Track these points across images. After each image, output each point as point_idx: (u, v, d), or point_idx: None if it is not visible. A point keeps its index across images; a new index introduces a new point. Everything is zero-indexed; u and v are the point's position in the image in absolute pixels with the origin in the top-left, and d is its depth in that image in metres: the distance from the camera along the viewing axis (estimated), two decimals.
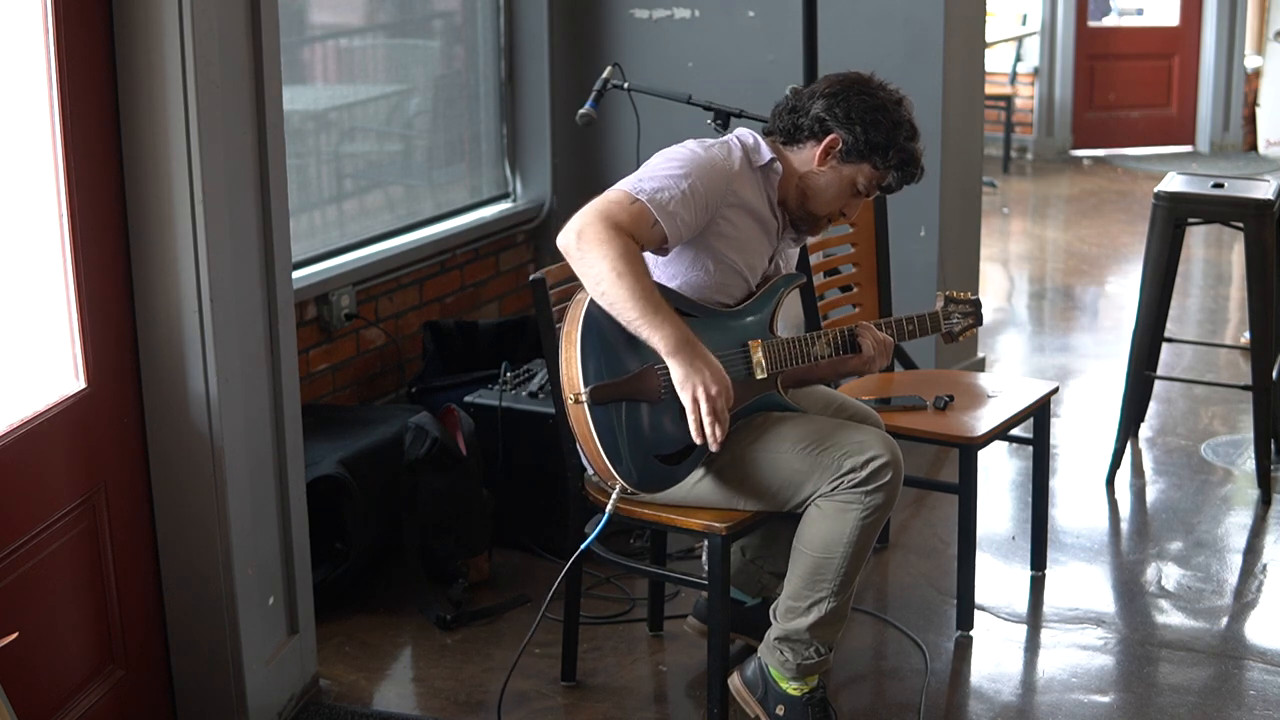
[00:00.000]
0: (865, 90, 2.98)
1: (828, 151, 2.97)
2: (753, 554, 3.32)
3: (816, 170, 2.99)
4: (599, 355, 2.82)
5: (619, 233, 2.76)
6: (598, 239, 2.76)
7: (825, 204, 3.03)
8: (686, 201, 2.83)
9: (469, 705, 3.24)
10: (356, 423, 3.94)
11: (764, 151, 3.00)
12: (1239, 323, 6.35)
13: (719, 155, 2.93)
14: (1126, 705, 3.26)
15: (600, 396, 2.80)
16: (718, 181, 2.89)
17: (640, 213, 2.80)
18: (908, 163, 2.99)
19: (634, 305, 2.75)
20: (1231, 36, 10.26)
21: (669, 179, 2.84)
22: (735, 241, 2.96)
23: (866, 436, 2.90)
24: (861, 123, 2.94)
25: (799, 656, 2.98)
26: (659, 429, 2.87)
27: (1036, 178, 9.82)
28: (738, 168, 2.94)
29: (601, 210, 2.79)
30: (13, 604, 2.51)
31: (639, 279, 2.76)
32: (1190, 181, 4.52)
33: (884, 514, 2.90)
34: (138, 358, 2.86)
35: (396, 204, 4.89)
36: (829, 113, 2.96)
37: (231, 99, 2.85)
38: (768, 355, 2.97)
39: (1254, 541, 4.12)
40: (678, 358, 2.78)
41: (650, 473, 2.88)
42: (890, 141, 2.95)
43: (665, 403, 2.85)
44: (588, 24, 5.29)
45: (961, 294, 3.30)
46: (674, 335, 2.78)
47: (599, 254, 2.75)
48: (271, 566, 3.11)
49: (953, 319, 3.26)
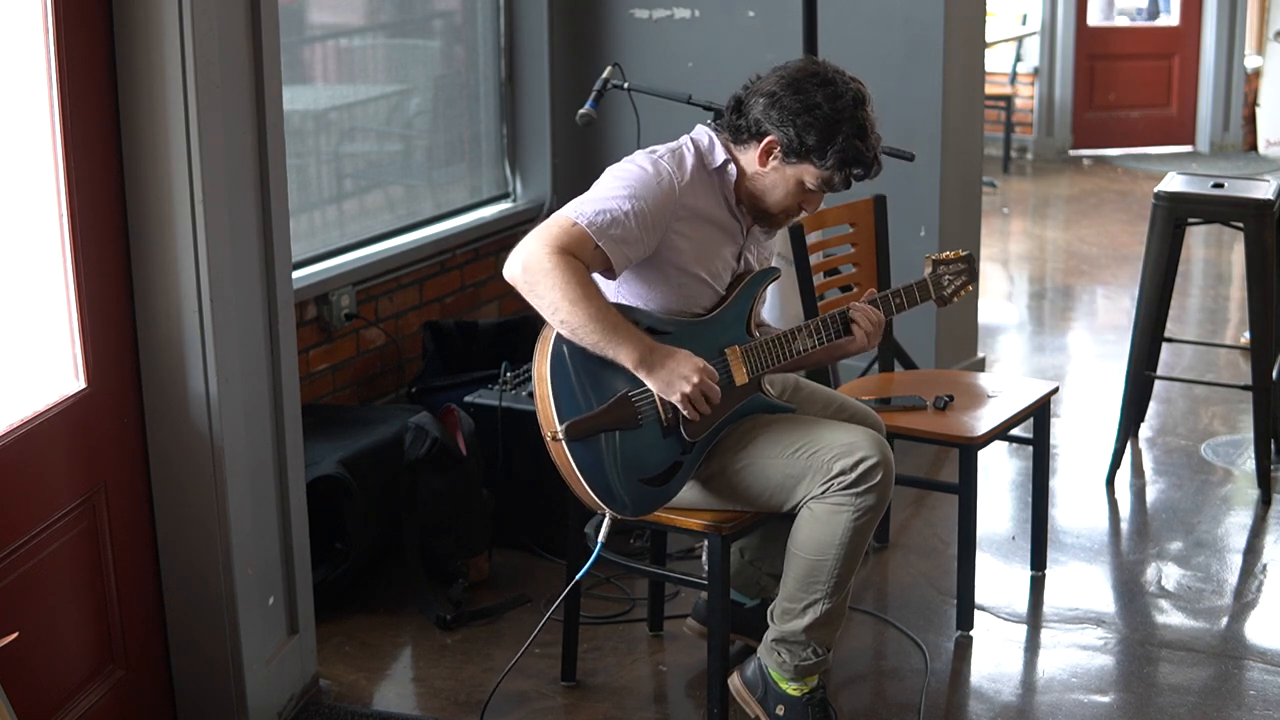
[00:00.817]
0: (803, 87, 2.85)
1: (767, 153, 2.90)
2: (751, 555, 3.32)
3: (760, 171, 2.92)
4: (571, 389, 2.81)
5: (563, 256, 2.74)
6: (543, 268, 2.73)
7: (776, 203, 2.95)
8: (629, 226, 2.79)
9: (469, 705, 3.24)
10: (356, 423, 3.94)
11: (718, 153, 2.94)
12: (1239, 323, 6.35)
13: (666, 170, 2.86)
14: (1126, 705, 3.26)
15: (576, 433, 2.79)
16: (664, 200, 2.84)
17: (580, 236, 2.76)
18: (851, 161, 2.85)
19: (593, 328, 2.75)
20: (1231, 36, 10.26)
21: (612, 201, 2.80)
22: (693, 253, 2.92)
23: (856, 437, 2.90)
24: (794, 124, 2.84)
25: (796, 658, 2.98)
26: (642, 453, 2.86)
27: (1036, 178, 9.82)
28: (688, 177, 2.88)
29: (543, 238, 2.76)
30: (13, 604, 2.51)
31: (592, 300, 2.75)
32: (1190, 181, 4.52)
33: (876, 515, 2.90)
34: (138, 358, 2.86)
35: (396, 204, 4.89)
36: (764, 114, 2.88)
37: (231, 99, 2.85)
38: (747, 359, 2.95)
39: (1254, 541, 4.12)
40: (645, 368, 2.79)
41: (639, 498, 2.89)
42: (827, 141, 2.83)
43: (644, 427, 2.85)
44: (588, 24, 5.29)
45: (949, 254, 3.22)
46: (636, 349, 2.78)
47: (549, 283, 2.73)
48: (271, 566, 3.11)
49: (943, 281, 3.20)
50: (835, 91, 2.85)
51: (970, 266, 3.22)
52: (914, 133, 4.76)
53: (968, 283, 3.23)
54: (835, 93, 2.85)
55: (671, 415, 2.87)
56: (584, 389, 2.82)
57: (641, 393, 2.84)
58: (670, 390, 2.81)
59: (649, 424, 2.85)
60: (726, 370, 2.93)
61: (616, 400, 2.83)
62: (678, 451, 2.90)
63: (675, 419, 2.87)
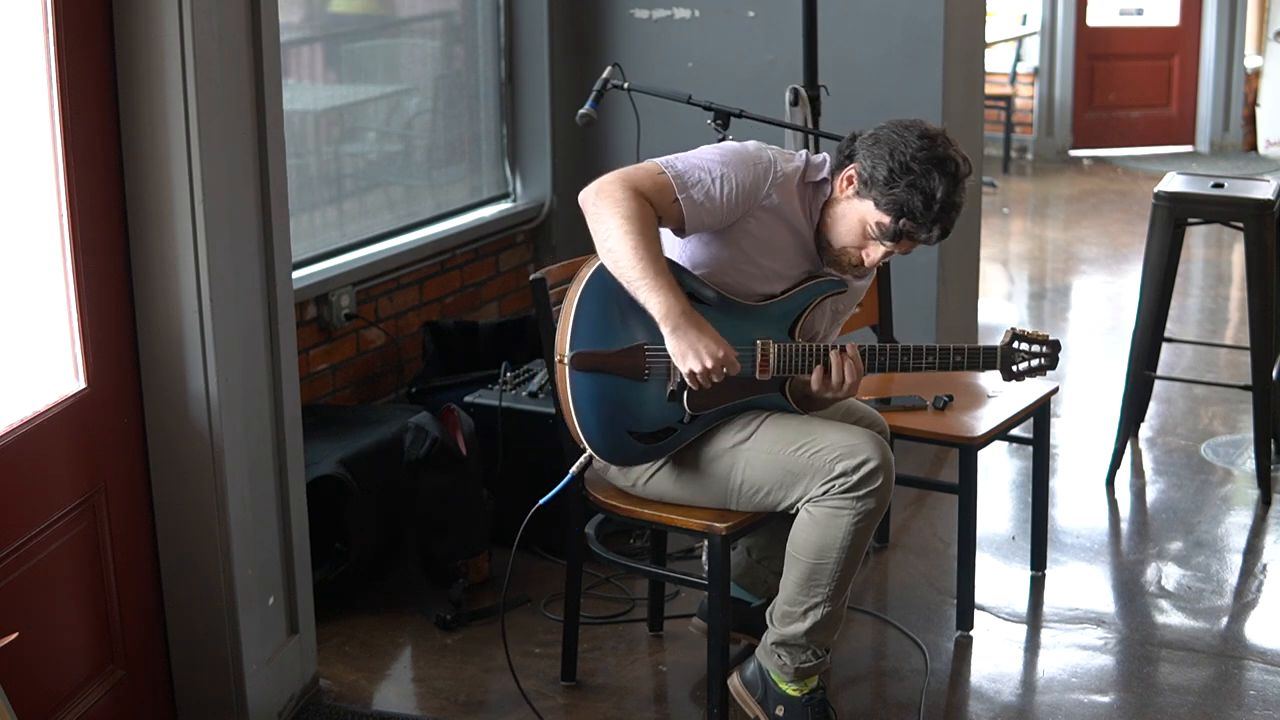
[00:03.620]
0: (904, 133, 2.83)
1: (848, 180, 2.90)
2: (759, 554, 3.32)
3: (837, 197, 2.92)
4: (593, 323, 2.84)
5: (637, 195, 2.78)
6: (614, 196, 2.78)
7: (838, 236, 2.92)
8: (713, 192, 2.82)
9: (469, 705, 3.24)
10: (356, 423, 3.94)
11: (823, 171, 2.95)
12: (1239, 323, 6.35)
13: (768, 157, 2.90)
14: (1126, 705, 3.26)
15: (581, 364, 2.82)
16: (756, 182, 2.86)
17: (664, 185, 2.81)
18: (905, 211, 2.80)
19: (636, 263, 2.76)
20: (1231, 36, 10.25)
21: (704, 164, 2.85)
22: (763, 244, 2.92)
23: (859, 439, 2.89)
24: (873, 155, 2.83)
25: (796, 660, 2.98)
26: (638, 407, 2.88)
27: (1036, 178, 9.82)
28: (786, 173, 2.90)
29: (626, 174, 2.82)
30: (13, 604, 2.51)
31: (646, 239, 2.76)
32: (1190, 181, 4.52)
33: (876, 518, 2.89)
34: (138, 358, 2.86)
35: (396, 204, 4.89)
36: (862, 142, 2.88)
37: (231, 99, 2.85)
38: (777, 356, 2.92)
39: (1254, 541, 4.12)
40: (669, 324, 2.78)
41: (621, 447, 2.90)
42: (893, 181, 2.79)
43: (648, 383, 2.86)
44: (588, 24, 5.29)
45: (1035, 332, 3.05)
46: (670, 302, 2.77)
47: (612, 210, 2.77)
48: (271, 566, 3.11)
49: (1016, 357, 3.02)
50: (928, 145, 2.82)
51: (1053, 353, 3.03)
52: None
53: (1044, 368, 3.04)
54: (928, 146, 2.81)
55: (679, 381, 2.87)
56: (606, 327, 2.85)
57: (658, 350, 2.85)
58: (683, 359, 2.80)
59: (655, 381, 2.87)
60: (751, 360, 2.92)
61: (631, 348, 2.85)
62: (675, 418, 2.90)
63: (681, 386, 2.87)
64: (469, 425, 3.83)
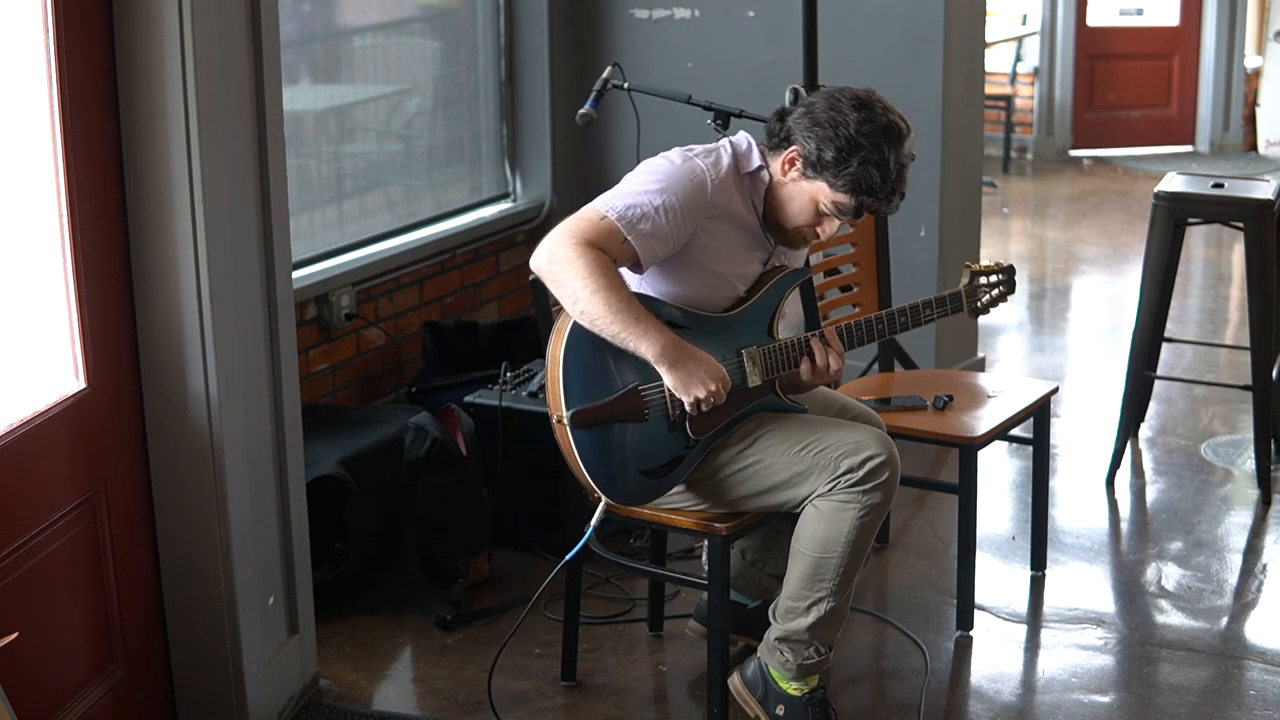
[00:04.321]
0: (839, 105, 2.83)
1: (790, 162, 2.88)
2: (753, 556, 3.32)
3: (781, 180, 2.91)
4: (582, 375, 2.81)
5: (588, 248, 2.74)
6: (567, 257, 2.74)
7: (792, 217, 2.93)
8: (659, 221, 2.79)
9: (469, 705, 3.24)
10: (356, 423, 3.94)
11: (754, 158, 2.93)
12: (1239, 323, 6.35)
13: (700, 167, 2.86)
14: (1126, 705, 3.26)
15: (581, 421, 2.80)
16: (696, 197, 2.83)
17: (609, 229, 2.77)
18: (864, 189, 2.82)
19: (614, 318, 2.75)
20: (1231, 36, 10.25)
21: (643, 195, 2.80)
22: (719, 253, 2.91)
23: (863, 436, 2.90)
24: (817, 136, 2.82)
25: (799, 657, 2.98)
26: (645, 446, 2.87)
27: (1036, 178, 9.82)
28: (722, 176, 2.88)
29: (571, 229, 2.77)
30: (13, 604, 2.51)
31: (615, 291, 2.74)
32: (1190, 181, 4.51)
33: (881, 513, 2.90)
34: (138, 358, 2.86)
35: (396, 204, 4.89)
36: (797, 123, 2.87)
37: (231, 99, 2.85)
38: (764, 362, 2.94)
39: (1254, 541, 4.12)
40: (665, 363, 2.79)
41: (637, 488, 2.90)
42: (843, 161, 2.80)
43: (650, 421, 2.86)
44: (588, 24, 5.29)
45: (990, 264, 3.15)
46: (659, 341, 2.77)
47: (571, 272, 2.74)
48: (271, 566, 3.11)
49: (979, 292, 3.14)
50: (868, 116, 2.82)
51: (1010, 278, 3.16)
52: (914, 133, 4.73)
53: (1005, 294, 3.15)
54: (868, 117, 2.82)
55: (679, 411, 2.87)
56: (595, 377, 2.82)
57: (652, 387, 2.85)
58: (686, 391, 2.81)
59: (655, 418, 2.86)
60: (740, 371, 2.93)
61: (626, 393, 2.84)
62: (681, 446, 2.90)
63: (682, 415, 2.87)
64: (469, 425, 3.83)
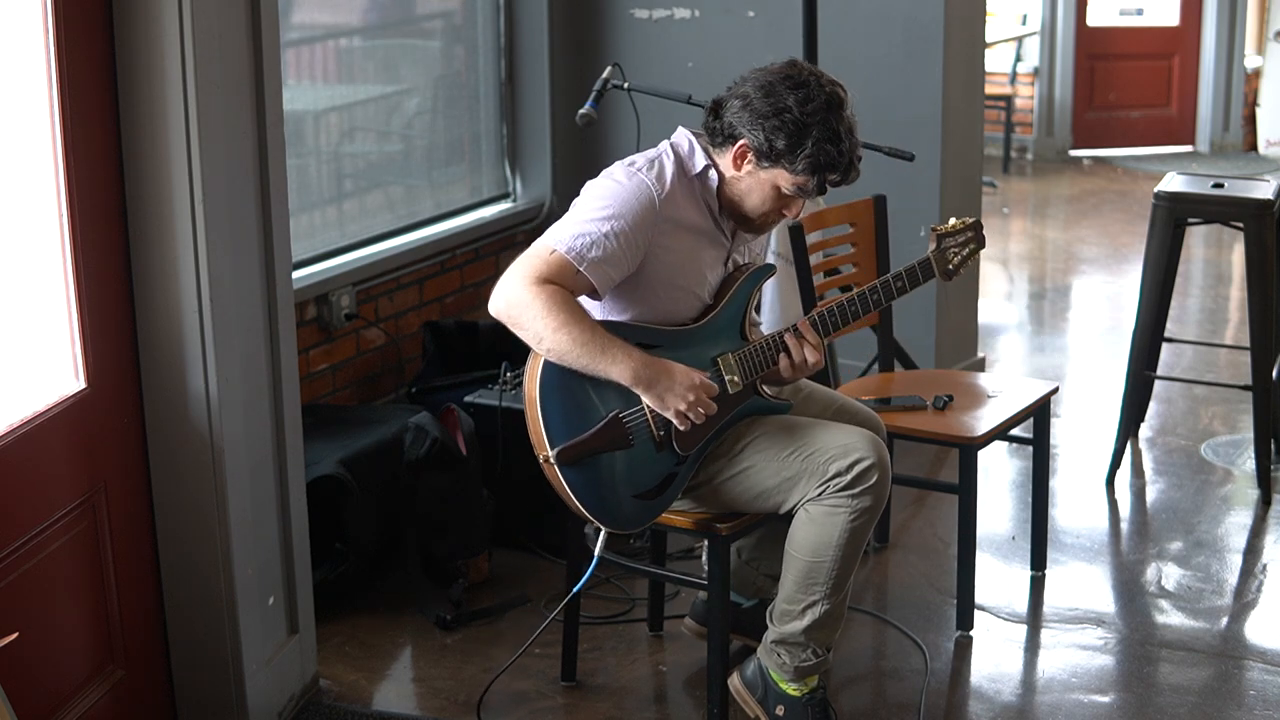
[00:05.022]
0: (775, 90, 2.81)
1: (740, 157, 2.86)
2: (748, 556, 3.32)
3: (736, 175, 2.89)
4: (561, 411, 2.81)
5: (544, 285, 2.74)
6: (524, 299, 2.74)
7: (754, 208, 2.91)
8: (610, 246, 2.77)
9: (469, 705, 3.24)
10: (356, 423, 3.94)
11: (698, 159, 2.90)
12: (1239, 323, 6.35)
13: (645, 183, 2.83)
14: (1126, 705, 3.26)
15: (567, 458, 2.80)
16: (644, 215, 2.81)
17: (560, 263, 2.76)
18: (823, 166, 2.81)
19: (580, 351, 2.74)
20: (1231, 36, 10.25)
21: (591, 224, 2.78)
22: (677, 265, 2.90)
23: (851, 439, 2.89)
24: (764, 127, 2.80)
25: (796, 659, 2.98)
26: (635, 470, 2.86)
27: (1036, 178, 9.82)
28: (668, 187, 2.85)
29: (523, 270, 2.77)
30: (13, 604, 2.51)
31: (577, 324, 2.74)
32: (1190, 181, 4.51)
33: (873, 515, 2.89)
34: (138, 358, 2.86)
35: (396, 204, 4.89)
36: (737, 117, 2.84)
37: (231, 99, 2.85)
38: (740, 366, 2.93)
39: (1254, 541, 4.12)
40: (641, 384, 2.79)
41: (634, 512, 2.89)
42: (797, 145, 2.78)
43: (637, 445, 2.85)
44: (588, 24, 5.29)
45: (955, 222, 3.13)
46: (629, 364, 2.77)
47: (530, 313, 2.73)
48: (271, 566, 3.11)
49: (948, 254, 3.11)
50: (807, 95, 2.80)
51: (978, 233, 3.14)
52: (914, 133, 4.75)
53: (976, 250, 3.14)
54: (807, 96, 2.80)
55: (664, 430, 2.86)
56: (575, 410, 2.81)
57: (633, 412, 2.84)
58: (665, 406, 2.81)
59: (641, 442, 2.85)
60: (720, 379, 2.91)
61: (608, 422, 2.82)
62: (671, 464, 2.89)
63: (668, 433, 2.86)
64: (469, 425, 3.83)
